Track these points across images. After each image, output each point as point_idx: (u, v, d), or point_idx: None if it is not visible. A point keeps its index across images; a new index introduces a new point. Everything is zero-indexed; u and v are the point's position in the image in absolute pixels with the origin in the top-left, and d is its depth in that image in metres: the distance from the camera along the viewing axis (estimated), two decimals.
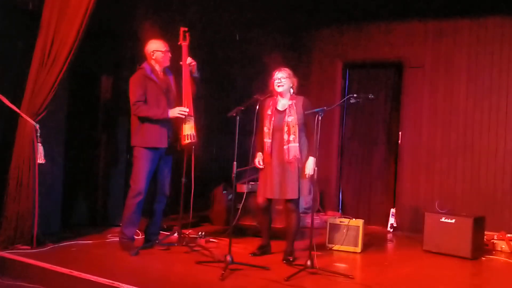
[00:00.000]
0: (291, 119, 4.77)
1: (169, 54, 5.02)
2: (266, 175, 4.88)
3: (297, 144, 4.74)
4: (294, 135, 4.74)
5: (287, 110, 4.82)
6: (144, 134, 4.86)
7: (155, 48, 4.97)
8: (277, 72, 4.89)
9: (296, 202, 4.84)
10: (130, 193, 4.88)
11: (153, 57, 4.98)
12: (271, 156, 4.84)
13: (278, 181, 4.78)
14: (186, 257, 4.82)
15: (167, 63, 5.04)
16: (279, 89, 4.86)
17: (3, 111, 4.87)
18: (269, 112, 4.90)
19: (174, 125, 5.02)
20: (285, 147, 4.75)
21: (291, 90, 4.92)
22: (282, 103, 4.91)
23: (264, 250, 5.04)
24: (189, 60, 5.07)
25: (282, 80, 4.84)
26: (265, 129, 4.88)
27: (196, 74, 5.14)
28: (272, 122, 4.85)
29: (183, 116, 4.93)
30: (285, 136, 4.76)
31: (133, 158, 4.94)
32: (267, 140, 4.86)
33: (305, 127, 4.81)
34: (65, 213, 5.76)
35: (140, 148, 4.88)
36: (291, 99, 4.88)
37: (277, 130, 4.82)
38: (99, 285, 3.88)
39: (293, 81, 4.92)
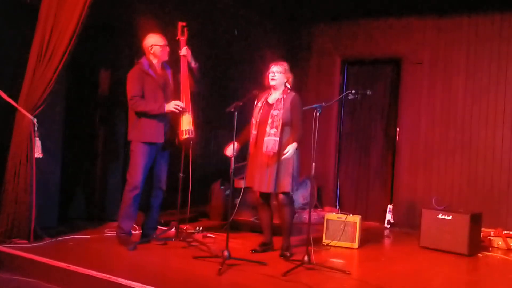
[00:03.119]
0: (276, 113, 4.76)
1: (168, 48, 5.01)
2: (251, 166, 4.89)
3: (277, 138, 4.71)
4: (276, 129, 4.73)
5: (274, 104, 4.83)
6: (141, 129, 4.86)
7: (153, 42, 4.96)
8: (273, 66, 4.89)
9: (287, 195, 4.83)
10: (127, 187, 4.89)
11: (151, 52, 4.96)
12: (255, 147, 4.85)
13: (260, 173, 4.77)
14: (183, 252, 4.83)
15: (166, 57, 5.03)
16: (272, 83, 4.87)
17: (0, 105, 4.85)
18: (259, 104, 4.92)
19: (172, 120, 5.01)
20: (265, 139, 4.74)
21: (287, 85, 4.91)
22: (273, 97, 4.91)
23: (266, 247, 5.02)
24: (184, 50, 5.05)
25: (276, 74, 4.84)
26: (253, 121, 4.90)
27: (194, 64, 5.12)
28: (259, 114, 4.86)
29: (178, 111, 4.93)
30: (267, 129, 4.75)
31: (130, 152, 4.94)
32: (253, 132, 4.86)
33: (291, 124, 4.79)
34: (63, 207, 5.75)
35: (137, 143, 4.88)
36: (283, 93, 4.88)
37: (263, 122, 4.82)
38: (96, 279, 3.88)
39: (287, 76, 4.90)
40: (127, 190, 4.89)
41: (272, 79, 4.86)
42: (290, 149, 4.63)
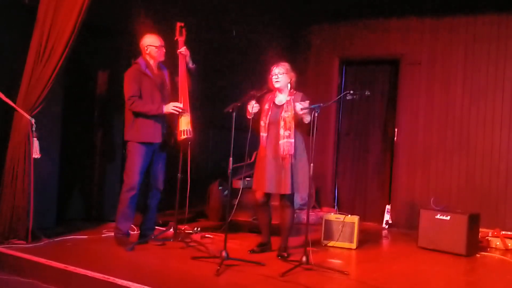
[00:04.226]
0: (288, 114, 4.77)
1: (163, 49, 4.99)
2: (260, 169, 4.88)
3: (292, 140, 4.74)
4: (290, 130, 4.74)
5: (284, 105, 4.82)
6: (138, 129, 4.85)
7: (149, 43, 4.96)
8: (274, 68, 4.89)
9: (290, 197, 4.84)
10: (124, 187, 4.89)
11: (147, 52, 4.96)
12: (265, 150, 4.85)
13: (272, 175, 4.78)
14: (181, 253, 4.83)
15: (162, 58, 5.01)
16: (276, 85, 4.87)
17: None
18: (266, 106, 4.91)
19: (169, 121, 5.01)
20: (280, 142, 4.75)
21: (289, 86, 4.91)
22: (280, 98, 4.91)
23: (263, 247, 5.02)
24: (182, 49, 5.05)
25: (279, 76, 4.84)
26: (262, 123, 4.88)
27: (191, 65, 5.12)
28: (268, 116, 4.85)
29: (177, 112, 4.93)
30: (281, 131, 4.76)
31: (127, 152, 4.93)
32: (263, 134, 4.86)
33: (302, 123, 4.80)
34: (61, 208, 5.74)
35: (134, 143, 4.87)
36: (289, 94, 4.88)
37: (273, 124, 4.82)
38: (94, 280, 3.88)
39: (290, 76, 4.90)
40: (124, 190, 4.88)
41: (276, 81, 4.86)
42: (301, 105, 4.60)
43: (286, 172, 4.74)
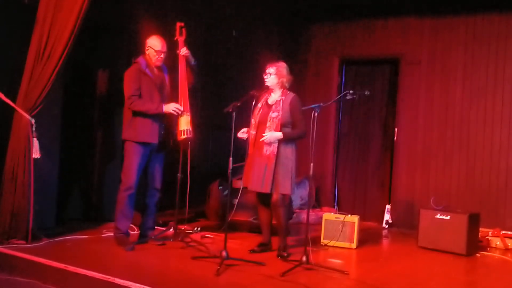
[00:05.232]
0: (275, 115, 4.79)
1: (162, 56, 4.96)
2: (247, 166, 4.91)
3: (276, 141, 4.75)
4: (275, 131, 4.75)
5: (273, 105, 4.84)
6: (135, 128, 4.85)
7: (151, 44, 4.95)
8: (267, 67, 4.91)
9: (281, 196, 4.83)
10: (121, 186, 4.89)
11: (147, 52, 4.97)
12: (254, 147, 4.87)
13: (256, 174, 4.79)
14: (181, 253, 4.83)
15: (158, 64, 4.97)
16: (266, 84, 4.90)
17: None
18: (259, 105, 4.95)
19: (167, 122, 5.00)
20: (264, 140, 4.76)
21: (279, 86, 4.89)
22: (272, 98, 4.93)
23: (264, 248, 5.02)
24: (184, 50, 5.06)
25: (268, 75, 4.86)
26: (252, 121, 4.92)
27: (193, 63, 5.12)
28: (259, 115, 4.88)
29: (176, 114, 4.93)
30: (266, 131, 4.77)
31: (124, 152, 4.93)
32: (252, 132, 4.90)
33: (292, 125, 4.79)
34: (60, 208, 5.74)
35: (131, 142, 4.87)
36: (282, 95, 4.89)
37: (261, 123, 4.84)
38: (94, 280, 3.88)
39: (280, 77, 4.86)
40: (121, 189, 4.89)
41: (265, 80, 4.89)
42: (268, 135, 4.69)
43: (268, 172, 4.74)
